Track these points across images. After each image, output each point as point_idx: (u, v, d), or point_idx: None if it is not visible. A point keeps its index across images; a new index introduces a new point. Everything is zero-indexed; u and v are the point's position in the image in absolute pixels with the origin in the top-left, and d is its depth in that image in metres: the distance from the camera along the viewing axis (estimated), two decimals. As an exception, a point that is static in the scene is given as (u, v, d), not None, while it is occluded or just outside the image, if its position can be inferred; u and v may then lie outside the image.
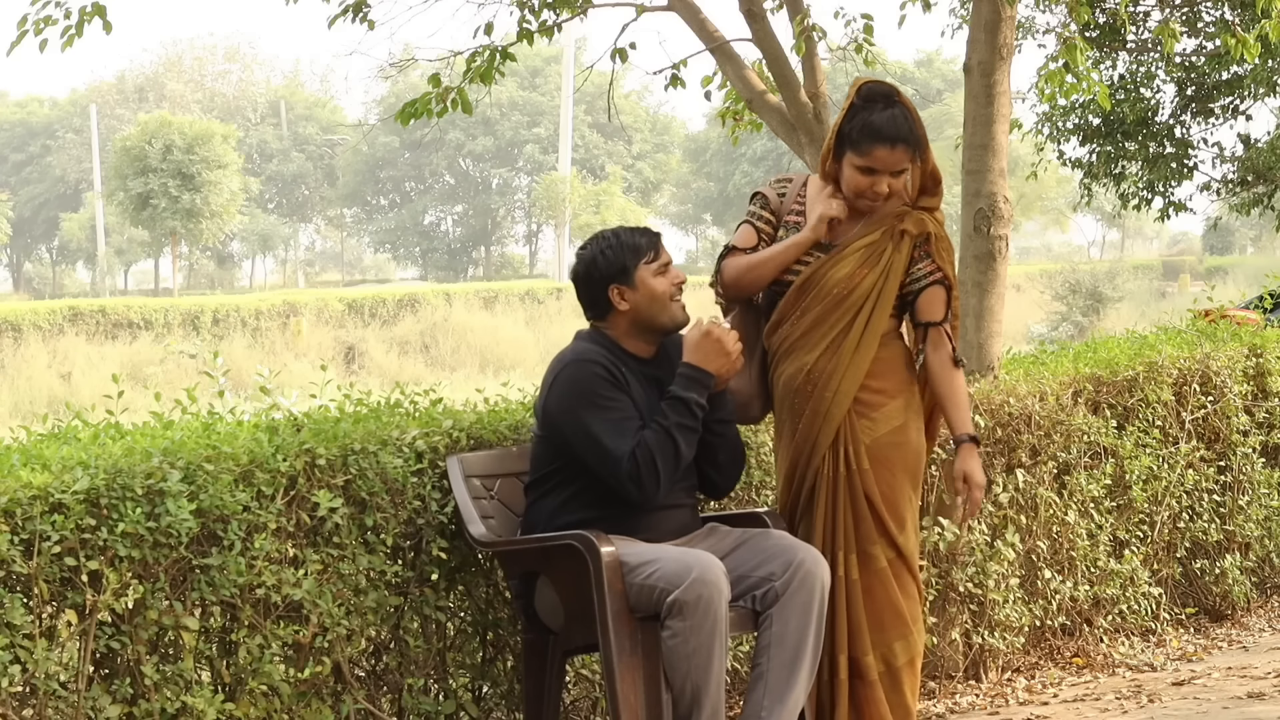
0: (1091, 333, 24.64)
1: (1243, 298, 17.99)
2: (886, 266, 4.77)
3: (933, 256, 4.80)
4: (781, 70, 7.28)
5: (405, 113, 7.35)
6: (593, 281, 4.63)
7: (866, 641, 4.74)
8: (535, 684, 4.68)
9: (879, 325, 4.77)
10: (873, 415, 4.77)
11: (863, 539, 4.76)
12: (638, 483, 4.45)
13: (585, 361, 4.53)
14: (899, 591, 4.77)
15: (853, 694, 4.76)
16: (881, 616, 4.76)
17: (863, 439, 4.76)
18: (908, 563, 4.81)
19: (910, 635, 4.79)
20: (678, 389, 4.50)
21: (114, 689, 4.07)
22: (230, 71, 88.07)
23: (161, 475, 4.13)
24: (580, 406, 4.48)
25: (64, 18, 7.02)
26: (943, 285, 4.81)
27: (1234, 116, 17.55)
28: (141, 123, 57.08)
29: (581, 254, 4.67)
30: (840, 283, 4.76)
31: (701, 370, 4.50)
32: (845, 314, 4.76)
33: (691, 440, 4.50)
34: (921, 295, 4.82)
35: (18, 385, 29.30)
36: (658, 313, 4.60)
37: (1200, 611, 7.31)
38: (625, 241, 4.62)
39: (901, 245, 4.78)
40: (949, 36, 17.38)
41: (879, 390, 4.78)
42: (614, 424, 4.46)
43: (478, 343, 35.58)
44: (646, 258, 4.60)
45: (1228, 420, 7.34)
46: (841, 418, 4.74)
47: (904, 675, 4.78)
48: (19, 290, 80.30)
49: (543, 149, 74.83)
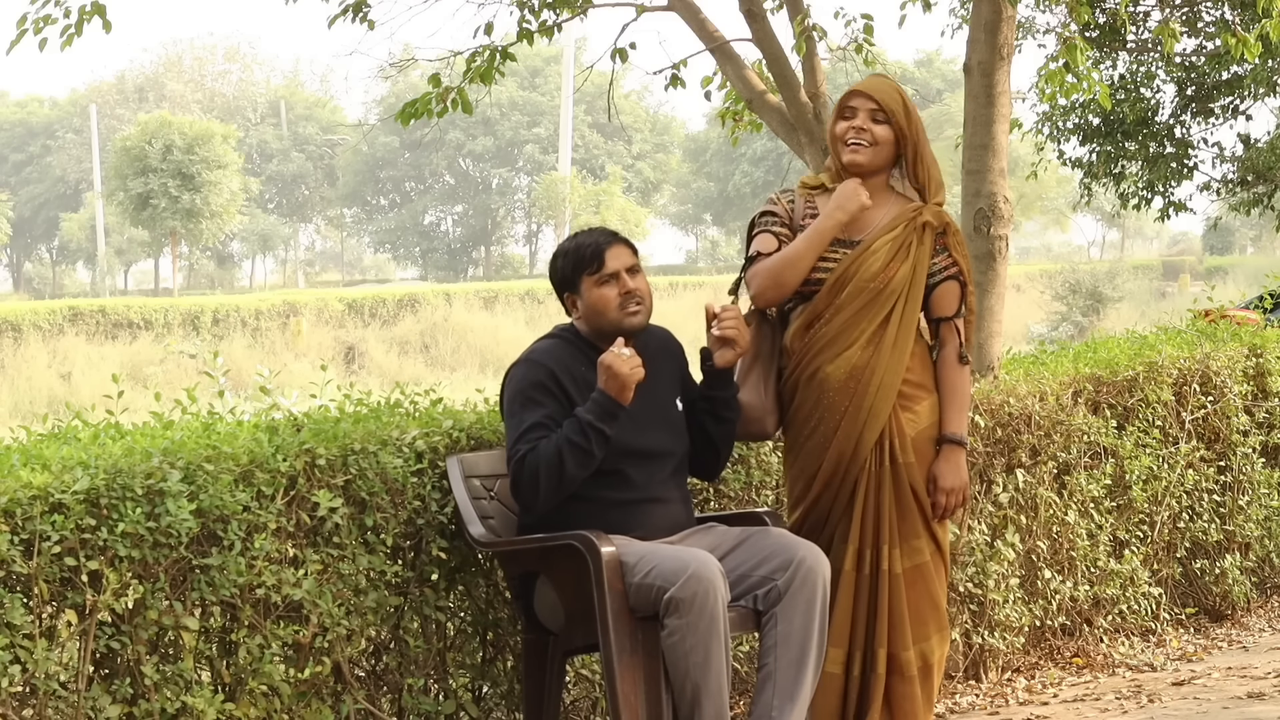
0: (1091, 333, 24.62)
1: (1243, 298, 18.02)
2: (915, 259, 4.77)
3: (950, 250, 4.80)
4: (781, 70, 7.28)
5: (405, 113, 7.36)
6: (555, 286, 4.77)
7: (908, 636, 4.73)
8: (535, 684, 4.68)
9: (913, 318, 4.77)
10: (915, 409, 4.77)
11: (907, 532, 4.75)
12: (517, 488, 4.52)
13: (534, 363, 4.62)
14: (939, 584, 4.80)
15: (888, 690, 4.76)
16: (922, 610, 4.76)
17: (908, 432, 4.76)
18: (944, 555, 4.84)
19: (946, 629, 4.82)
20: (580, 409, 4.52)
21: (114, 689, 4.07)
22: (230, 71, 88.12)
23: (161, 475, 4.13)
24: (510, 401, 4.59)
25: (64, 17, 7.02)
26: (957, 280, 4.81)
27: (1234, 116, 17.56)
28: (141, 123, 57.09)
29: (551, 255, 4.78)
30: (875, 277, 4.75)
31: (603, 393, 4.51)
32: (883, 308, 4.75)
33: (582, 459, 4.47)
34: (937, 290, 4.81)
35: (18, 385, 29.32)
36: (602, 323, 4.64)
37: (1200, 611, 7.31)
38: (575, 250, 4.69)
39: (924, 238, 4.78)
40: (949, 36, 17.39)
41: (918, 384, 4.79)
42: (526, 425, 4.51)
43: (478, 343, 35.61)
44: (590, 269, 4.65)
45: (1228, 420, 7.34)
46: (888, 412, 4.74)
47: (935, 670, 4.80)
48: (19, 290, 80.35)
49: (543, 149, 74.84)
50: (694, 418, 4.79)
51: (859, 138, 4.80)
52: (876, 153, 4.81)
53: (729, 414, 4.81)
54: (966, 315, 4.84)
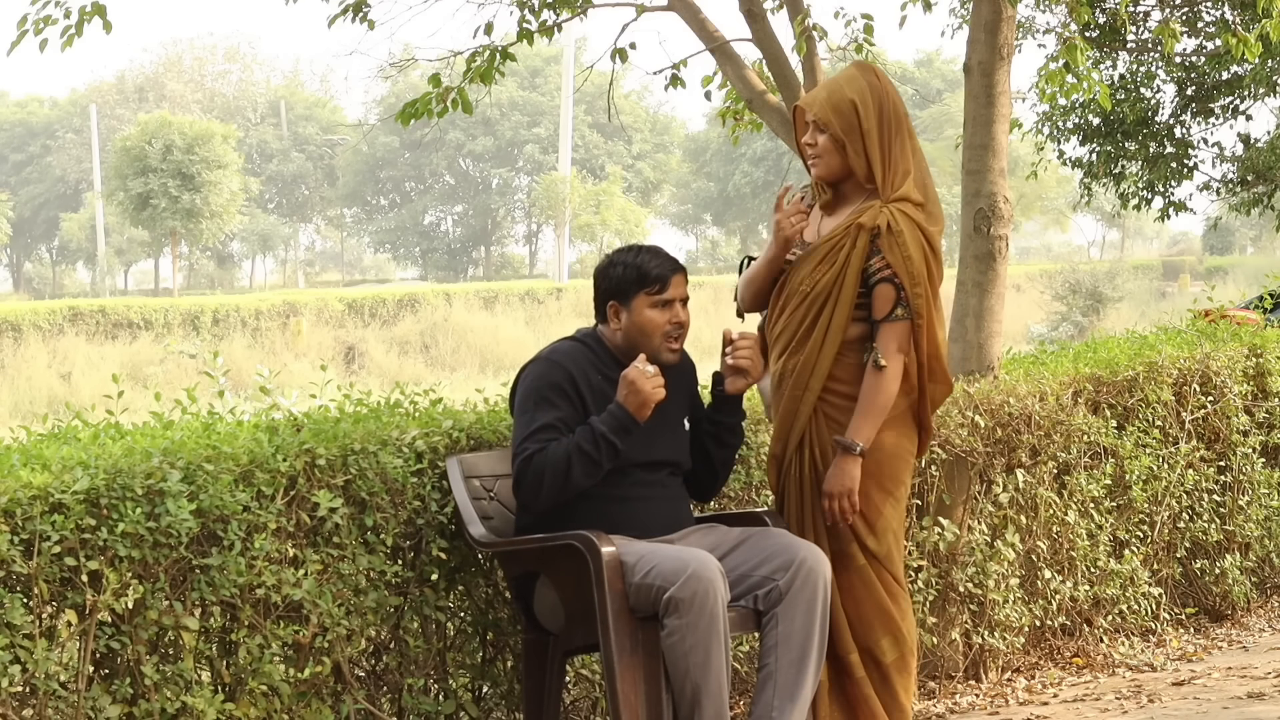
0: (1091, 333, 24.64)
1: (1243, 298, 17.99)
2: (844, 263, 4.72)
3: (883, 252, 4.70)
4: (781, 70, 7.27)
5: (405, 113, 7.35)
6: (599, 290, 4.72)
7: (849, 639, 4.72)
8: (535, 684, 4.68)
9: (840, 324, 4.72)
10: (839, 419, 4.73)
11: (835, 539, 4.74)
12: (519, 486, 4.52)
13: (554, 363, 4.61)
14: (882, 590, 4.76)
15: (845, 692, 4.75)
16: (864, 613, 4.73)
17: (827, 442, 4.73)
18: (886, 565, 4.77)
19: (899, 633, 4.75)
20: (595, 419, 4.52)
21: (114, 689, 4.07)
22: (230, 71, 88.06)
23: (161, 475, 4.13)
24: (524, 398, 4.58)
25: (64, 17, 7.01)
26: (890, 282, 4.71)
27: (1234, 116, 17.54)
28: (141, 123, 57.05)
29: (604, 258, 4.75)
30: (804, 280, 4.77)
31: (621, 407, 4.51)
32: (809, 312, 4.75)
33: (589, 469, 4.48)
34: (873, 292, 4.74)
35: (18, 385, 29.31)
36: (642, 344, 4.64)
37: (1200, 611, 7.31)
38: (639, 265, 4.65)
39: (858, 240, 4.72)
40: (949, 36, 17.36)
41: (846, 395, 4.74)
42: (537, 425, 4.51)
43: (478, 343, 35.59)
44: (651, 289, 4.63)
45: (1228, 420, 7.34)
46: (808, 416, 4.73)
47: (893, 673, 4.75)
48: (19, 290, 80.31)
49: (543, 149, 74.81)
50: (697, 439, 4.80)
51: (811, 152, 4.84)
52: (827, 162, 4.82)
53: (733, 440, 4.84)
54: (912, 319, 4.70)
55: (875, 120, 4.77)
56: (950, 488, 6.10)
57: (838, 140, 4.78)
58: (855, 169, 4.79)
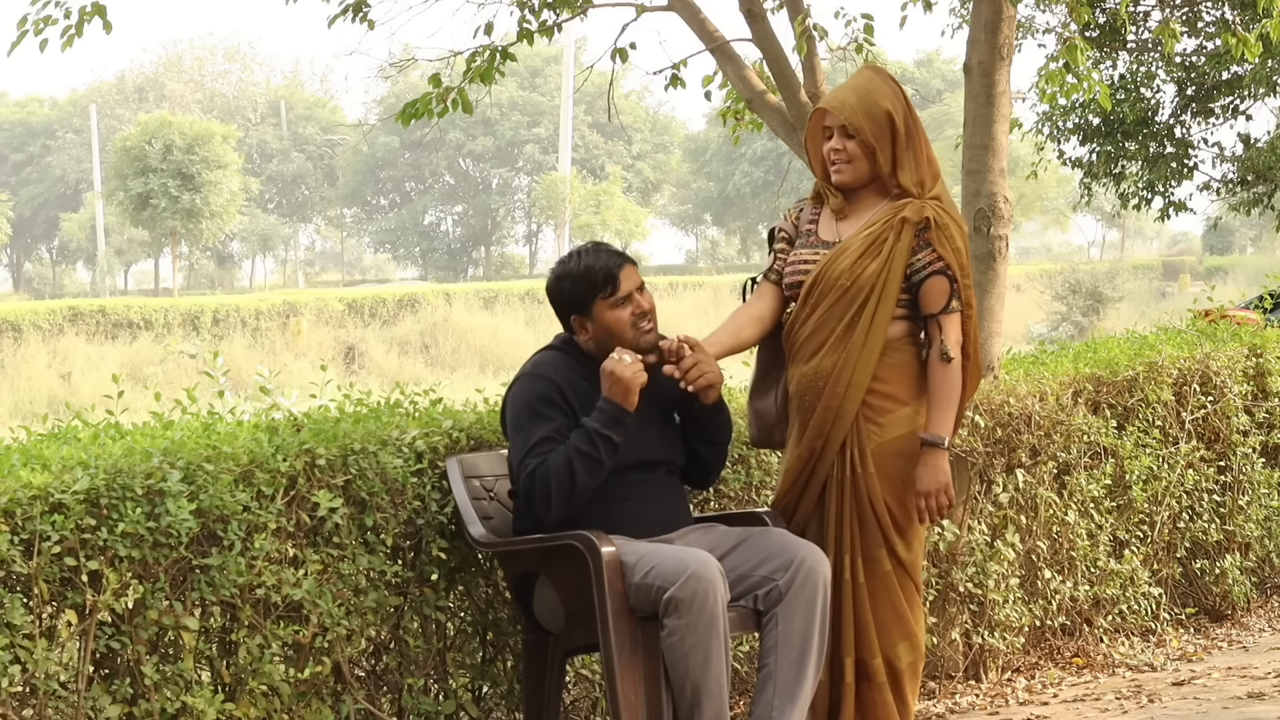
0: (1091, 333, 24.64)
1: (1243, 298, 18.01)
2: (889, 256, 4.70)
3: (933, 245, 4.71)
4: (781, 70, 7.27)
5: (405, 113, 7.35)
6: (557, 308, 4.72)
7: (874, 644, 4.72)
8: (535, 684, 4.68)
9: (884, 319, 4.70)
10: (879, 420, 4.71)
11: (867, 543, 4.72)
12: (530, 503, 4.50)
13: (539, 376, 4.60)
14: (901, 595, 4.76)
15: (859, 696, 4.76)
16: (886, 619, 4.74)
17: (867, 443, 4.71)
18: (909, 571, 4.77)
19: (914, 637, 4.77)
20: (586, 419, 4.51)
21: (114, 689, 4.07)
22: (230, 71, 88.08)
23: (161, 475, 4.13)
24: (516, 416, 4.56)
25: (64, 17, 7.00)
26: (944, 275, 4.71)
27: (1234, 116, 17.55)
28: (141, 123, 57.07)
29: (551, 275, 4.71)
30: (843, 274, 4.72)
31: (608, 401, 4.51)
32: (850, 307, 4.70)
33: (592, 468, 4.47)
34: (923, 286, 4.73)
35: (18, 385, 29.32)
36: (616, 344, 4.62)
37: (1200, 611, 7.31)
38: (586, 274, 4.62)
39: (903, 234, 4.71)
40: (949, 36, 17.39)
41: (888, 395, 4.71)
42: (534, 440, 4.50)
43: (478, 343, 35.61)
44: (604, 293, 4.61)
45: (1228, 420, 7.34)
46: (853, 415, 4.69)
47: (906, 677, 4.77)
48: (19, 290, 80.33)
49: (543, 149, 74.83)
50: (687, 442, 4.80)
51: (837, 158, 4.81)
52: (856, 168, 4.80)
53: (721, 437, 4.83)
54: (963, 310, 4.72)
55: (904, 124, 4.79)
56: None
57: (868, 145, 4.76)
58: (882, 173, 4.79)
